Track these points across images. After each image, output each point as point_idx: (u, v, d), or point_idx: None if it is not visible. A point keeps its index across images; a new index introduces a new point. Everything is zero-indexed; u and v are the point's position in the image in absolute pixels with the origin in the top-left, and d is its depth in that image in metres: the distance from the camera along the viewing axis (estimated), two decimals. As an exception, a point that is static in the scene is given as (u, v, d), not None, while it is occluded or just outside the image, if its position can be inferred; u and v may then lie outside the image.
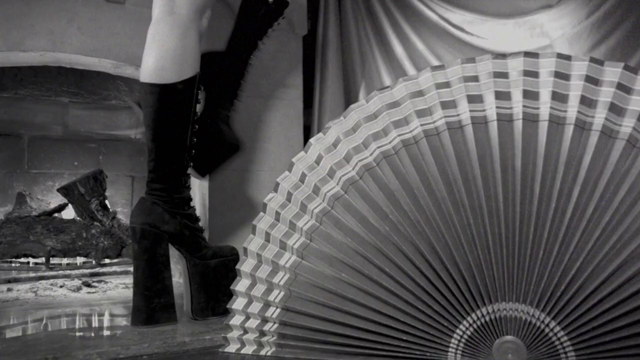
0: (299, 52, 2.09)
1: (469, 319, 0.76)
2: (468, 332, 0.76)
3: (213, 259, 1.15)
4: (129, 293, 1.42)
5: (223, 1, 1.37)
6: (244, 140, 1.92)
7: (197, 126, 1.16)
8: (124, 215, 2.15)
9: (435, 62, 2.07)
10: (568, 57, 0.77)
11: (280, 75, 2.02)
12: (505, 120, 0.76)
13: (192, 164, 1.18)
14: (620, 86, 0.75)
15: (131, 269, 1.17)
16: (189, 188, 1.17)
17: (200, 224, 1.22)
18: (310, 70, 2.20)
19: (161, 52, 1.07)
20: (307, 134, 2.15)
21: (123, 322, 1.15)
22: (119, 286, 1.66)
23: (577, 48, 1.78)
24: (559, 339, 0.73)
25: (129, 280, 1.83)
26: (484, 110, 0.78)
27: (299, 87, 2.07)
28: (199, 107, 1.18)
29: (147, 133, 1.09)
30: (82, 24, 1.52)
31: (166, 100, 1.07)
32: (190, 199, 1.17)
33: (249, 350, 0.88)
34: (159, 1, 1.12)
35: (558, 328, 0.73)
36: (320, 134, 0.86)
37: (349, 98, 2.15)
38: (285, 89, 2.03)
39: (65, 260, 1.93)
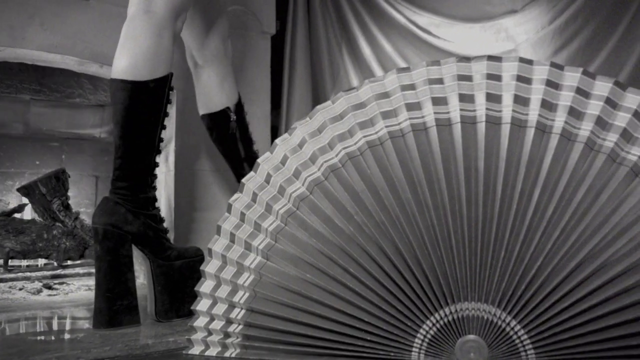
0: (267, 52, 2.09)
1: (432, 318, 0.76)
2: (431, 332, 0.77)
3: (177, 260, 1.13)
4: (91, 295, 1.39)
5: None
6: (211, 140, 1.90)
7: (166, 126, 1.15)
8: (87, 216, 2.11)
9: (403, 64, 2.09)
10: (530, 62, 0.79)
11: (248, 75, 2.01)
12: (468, 122, 0.78)
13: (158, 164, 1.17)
14: (579, 90, 0.77)
15: (94, 270, 1.14)
16: (154, 188, 1.15)
17: (166, 224, 1.20)
18: (278, 70, 2.20)
19: (135, 49, 1.06)
20: (275, 134, 2.15)
21: (85, 325, 1.12)
22: (81, 288, 1.62)
23: (540, 53, 1.82)
24: (519, 337, 0.74)
25: (92, 282, 1.79)
26: (448, 113, 0.79)
27: (266, 88, 2.06)
28: (169, 107, 1.17)
29: (115, 130, 1.08)
30: (44, 19, 1.48)
31: (137, 97, 1.06)
32: (155, 200, 1.15)
33: (213, 352, 0.88)
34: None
35: (519, 327, 0.75)
36: (286, 135, 0.86)
37: (317, 99, 2.15)
38: (253, 89, 2.02)
39: (25, 262, 1.88)
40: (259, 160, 0.87)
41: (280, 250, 0.83)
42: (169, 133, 1.87)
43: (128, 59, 1.05)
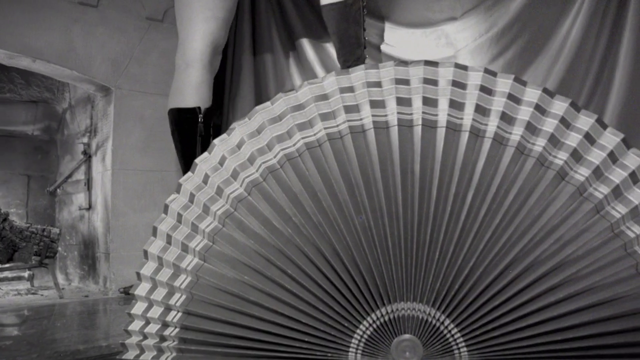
0: (209, 51, 2.06)
1: (368, 319, 0.77)
2: (368, 332, 0.77)
3: None
4: (21, 300, 1.33)
5: None
6: (150, 140, 1.86)
7: None
8: (17, 217, 2.02)
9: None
10: (465, 67, 0.81)
11: (190, 74, 1.98)
12: (405, 125, 0.79)
13: None
14: (510, 96, 0.80)
15: (25, 274, 1.10)
16: None
17: (102, 225, 1.17)
18: (221, 69, 2.17)
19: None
20: (219, 133, 2.12)
21: (14, 331, 1.08)
22: (9, 293, 1.55)
23: (478, 59, 1.87)
24: (452, 335, 0.76)
25: (22, 286, 1.72)
26: (385, 116, 0.80)
27: (208, 86, 2.04)
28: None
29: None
30: (-30, 10, 1.41)
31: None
32: None
33: (148, 356, 0.86)
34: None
35: (452, 325, 0.76)
36: (225, 135, 0.85)
37: (260, 99, 2.14)
38: (195, 88, 1.99)
39: (-52, 266, 1.78)
40: (196, 160, 0.86)
41: (217, 252, 0.82)
42: (106, 132, 1.81)
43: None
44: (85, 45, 1.74)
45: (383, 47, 2.11)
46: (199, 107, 1.50)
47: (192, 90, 1.50)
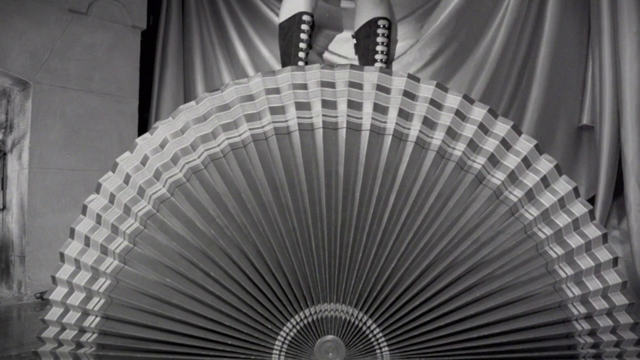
0: (136, 47, 2.00)
1: (292, 320, 0.77)
2: (291, 334, 0.78)
3: None
4: None
5: None
6: (72, 137, 1.79)
7: None
8: None
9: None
10: (389, 72, 0.83)
11: (115, 70, 1.91)
12: (330, 128, 0.80)
13: None
14: (432, 102, 0.82)
15: None
16: None
17: (18, 226, 1.10)
18: (149, 67, 2.12)
19: None
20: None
21: None
22: None
23: (409, 69, 1.91)
24: (374, 335, 0.78)
25: None
26: (311, 118, 0.80)
27: (135, 84, 1.98)
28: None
29: None
30: None
31: None
32: None
33: (62, 364, 0.82)
34: None
35: (374, 325, 0.78)
36: (148, 134, 0.83)
37: (189, 99, 2.09)
38: (120, 84, 1.93)
39: None
40: (117, 159, 0.83)
41: (138, 254, 0.80)
42: (23, 128, 1.73)
43: None
44: (0, 34, 1.65)
45: (325, 55, 2.12)
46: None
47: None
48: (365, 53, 1.78)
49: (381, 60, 1.76)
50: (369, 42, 1.76)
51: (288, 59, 1.78)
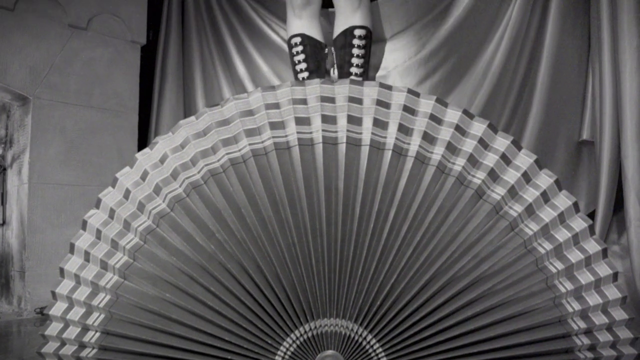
0: (136, 62, 2.01)
1: (292, 335, 0.77)
2: (292, 349, 0.77)
3: None
4: None
5: None
6: (72, 152, 1.79)
7: None
8: None
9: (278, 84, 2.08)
10: (389, 87, 0.83)
11: (115, 86, 1.92)
12: (330, 143, 0.80)
13: None
14: (432, 117, 0.83)
15: None
16: None
17: (17, 242, 1.10)
18: (149, 82, 2.13)
19: None
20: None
21: None
22: None
23: (407, 81, 1.92)
24: (374, 350, 0.77)
25: None
26: (310, 133, 0.80)
27: (134, 99, 1.98)
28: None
29: None
30: None
31: None
32: None
33: (61, 380, 0.82)
34: None
35: (374, 340, 0.77)
36: (147, 149, 0.83)
37: (189, 114, 2.10)
38: (120, 100, 1.93)
39: None
40: (117, 175, 0.83)
41: (138, 269, 0.80)
42: (23, 143, 1.73)
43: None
44: (0, 50, 1.66)
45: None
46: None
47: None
48: (341, 64, 1.68)
49: (356, 74, 1.66)
50: (344, 53, 1.66)
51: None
